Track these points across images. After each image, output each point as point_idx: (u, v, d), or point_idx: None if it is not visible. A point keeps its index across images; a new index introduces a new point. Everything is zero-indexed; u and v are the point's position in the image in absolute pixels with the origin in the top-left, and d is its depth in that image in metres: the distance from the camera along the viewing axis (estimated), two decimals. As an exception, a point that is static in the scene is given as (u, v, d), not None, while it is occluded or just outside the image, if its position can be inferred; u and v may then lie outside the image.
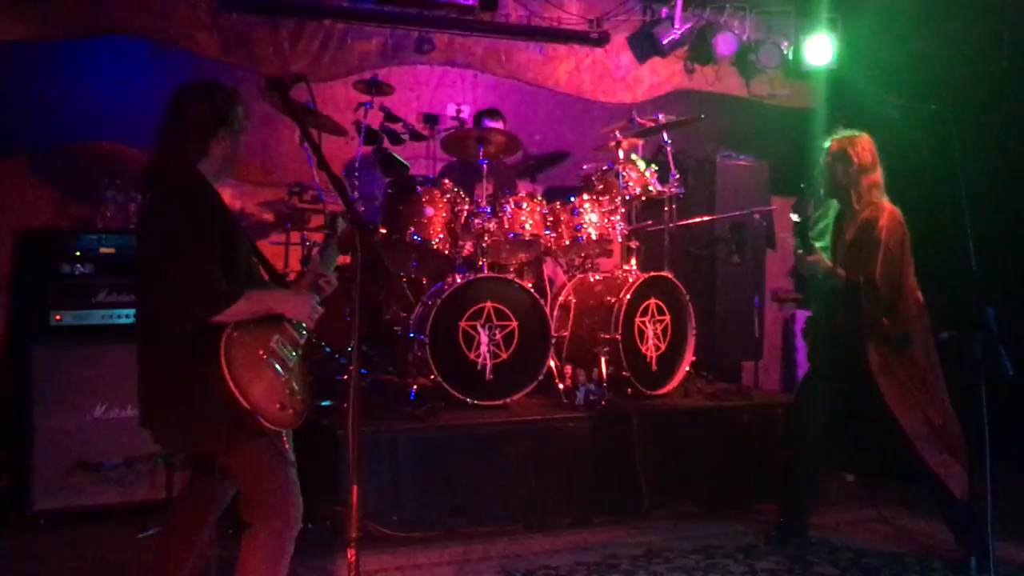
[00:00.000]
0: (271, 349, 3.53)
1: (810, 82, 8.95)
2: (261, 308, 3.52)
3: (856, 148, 5.29)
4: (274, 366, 3.50)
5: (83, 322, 5.76)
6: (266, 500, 3.57)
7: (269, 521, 3.56)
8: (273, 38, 7.36)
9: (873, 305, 5.12)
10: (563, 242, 6.67)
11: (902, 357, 5.15)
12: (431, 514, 5.58)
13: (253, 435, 3.45)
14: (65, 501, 5.57)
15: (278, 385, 3.50)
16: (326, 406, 5.91)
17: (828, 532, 5.70)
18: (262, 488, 3.57)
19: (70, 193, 6.72)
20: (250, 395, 3.36)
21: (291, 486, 3.62)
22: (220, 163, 3.68)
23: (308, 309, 3.63)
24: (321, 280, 3.82)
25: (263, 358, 3.49)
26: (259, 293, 3.57)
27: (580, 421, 6.04)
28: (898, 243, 5.14)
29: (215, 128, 3.62)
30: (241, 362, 3.39)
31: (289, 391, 3.53)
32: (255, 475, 3.57)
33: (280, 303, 3.59)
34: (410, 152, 7.41)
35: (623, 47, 8.50)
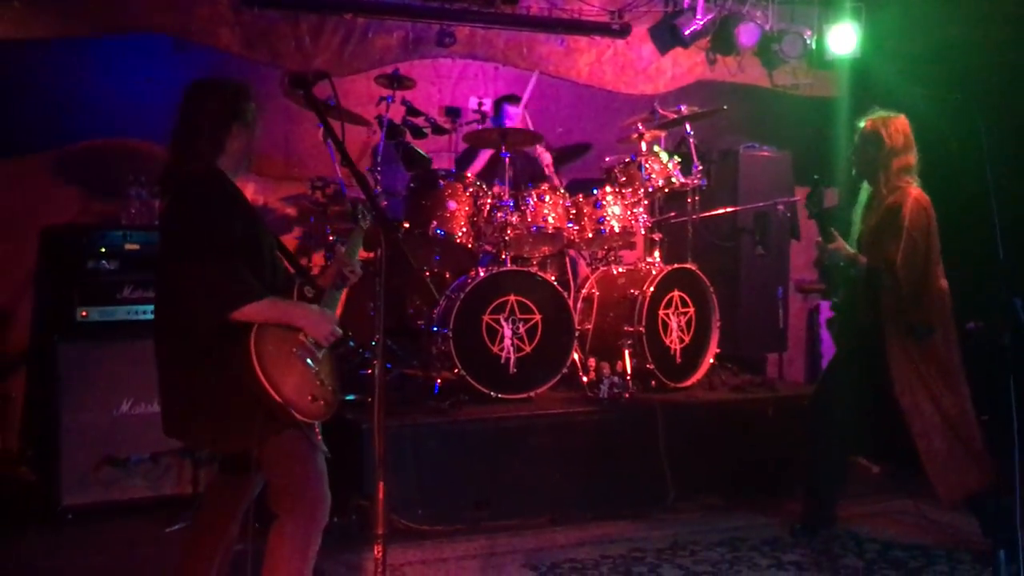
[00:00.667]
0: (300, 342, 3.54)
1: (834, 72, 8.88)
2: (282, 317, 3.52)
3: (889, 129, 5.20)
4: (304, 359, 3.52)
5: (109, 318, 5.79)
6: (296, 490, 3.58)
7: (297, 512, 3.57)
8: (294, 33, 7.37)
9: (894, 293, 5.07)
10: (586, 235, 6.65)
11: (923, 348, 5.10)
12: (456, 508, 5.60)
13: (286, 426, 3.47)
14: (93, 496, 5.61)
15: (309, 377, 3.51)
16: (351, 400, 5.93)
17: (854, 524, 5.67)
18: (292, 478, 3.58)
19: (95, 190, 6.76)
20: (282, 389, 3.38)
21: (321, 478, 3.63)
22: (237, 158, 3.69)
23: (327, 329, 3.61)
24: (346, 270, 3.83)
25: (293, 352, 3.50)
26: (283, 303, 3.57)
27: (604, 414, 6.04)
28: (922, 230, 5.06)
29: (228, 123, 3.62)
30: (271, 357, 3.41)
31: (320, 383, 3.54)
32: (287, 465, 3.58)
33: (301, 318, 3.57)
34: (431, 146, 7.41)
35: (645, 38, 8.46)
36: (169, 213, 3.63)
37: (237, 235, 3.48)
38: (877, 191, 5.27)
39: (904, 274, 5.02)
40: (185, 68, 7.05)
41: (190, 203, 3.52)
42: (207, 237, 3.44)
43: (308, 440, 3.56)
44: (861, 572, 4.99)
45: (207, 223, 3.46)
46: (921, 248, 5.07)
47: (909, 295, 5.06)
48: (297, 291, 3.68)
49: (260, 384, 3.35)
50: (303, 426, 3.50)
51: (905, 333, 5.11)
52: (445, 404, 5.87)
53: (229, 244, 3.44)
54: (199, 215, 3.48)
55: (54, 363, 5.61)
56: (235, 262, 3.43)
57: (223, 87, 3.71)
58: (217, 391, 3.44)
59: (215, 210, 3.48)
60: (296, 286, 3.70)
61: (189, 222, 3.50)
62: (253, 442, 3.45)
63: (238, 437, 3.48)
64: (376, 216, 3.48)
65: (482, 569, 5.00)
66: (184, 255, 3.46)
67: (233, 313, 3.39)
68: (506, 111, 7.40)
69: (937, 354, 5.12)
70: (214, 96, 3.65)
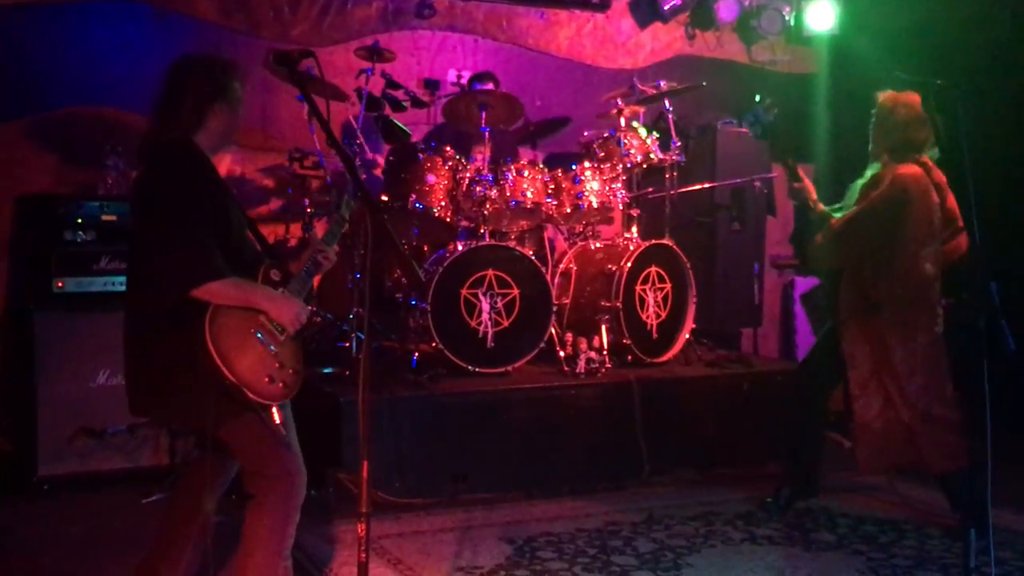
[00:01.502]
0: (260, 323, 3.50)
1: (812, 48, 8.94)
2: (246, 299, 3.47)
3: (897, 104, 5.17)
4: (262, 340, 3.48)
5: (85, 289, 5.78)
6: (266, 471, 3.57)
7: (272, 492, 3.57)
8: (272, 2, 7.32)
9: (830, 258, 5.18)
10: (564, 210, 6.66)
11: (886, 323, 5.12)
12: (433, 481, 5.63)
13: (244, 408, 3.44)
14: (69, 467, 5.62)
15: (267, 358, 3.47)
16: (328, 373, 5.94)
17: (827, 498, 5.73)
18: (261, 460, 3.57)
19: (70, 159, 6.70)
20: (236, 368, 3.36)
21: (291, 455, 3.62)
22: (217, 136, 3.65)
23: (292, 315, 3.55)
24: (320, 255, 3.79)
25: (251, 332, 3.47)
26: (247, 284, 3.51)
27: (581, 389, 6.07)
28: (892, 204, 5.03)
29: (212, 100, 3.58)
30: (227, 335, 3.38)
31: (279, 365, 3.50)
32: (252, 447, 3.57)
33: (266, 301, 3.52)
34: (410, 118, 7.38)
35: (624, 12, 8.47)
36: (140, 183, 3.60)
37: (206, 211, 3.44)
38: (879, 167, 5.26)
39: (840, 235, 5.09)
40: (162, 36, 7.02)
41: (161, 175, 3.50)
42: (174, 210, 3.40)
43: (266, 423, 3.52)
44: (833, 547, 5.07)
45: (176, 197, 3.42)
46: (881, 220, 5.06)
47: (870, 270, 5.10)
48: (263, 273, 3.62)
49: (213, 362, 3.32)
50: (259, 408, 3.46)
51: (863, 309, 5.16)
52: (423, 377, 5.89)
53: (197, 219, 3.41)
54: (168, 188, 3.45)
55: (30, 334, 5.59)
56: (202, 238, 3.39)
57: (211, 63, 3.66)
58: (173, 368, 3.40)
59: (185, 183, 3.45)
60: (262, 268, 3.64)
61: (158, 194, 3.47)
62: (208, 422, 3.43)
63: (195, 416, 3.45)
64: (361, 196, 3.46)
65: (458, 542, 5.03)
66: (151, 227, 3.44)
67: (195, 290, 3.36)
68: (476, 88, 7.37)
69: (907, 332, 5.11)
70: (201, 71, 3.61)
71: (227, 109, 3.63)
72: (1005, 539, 5.11)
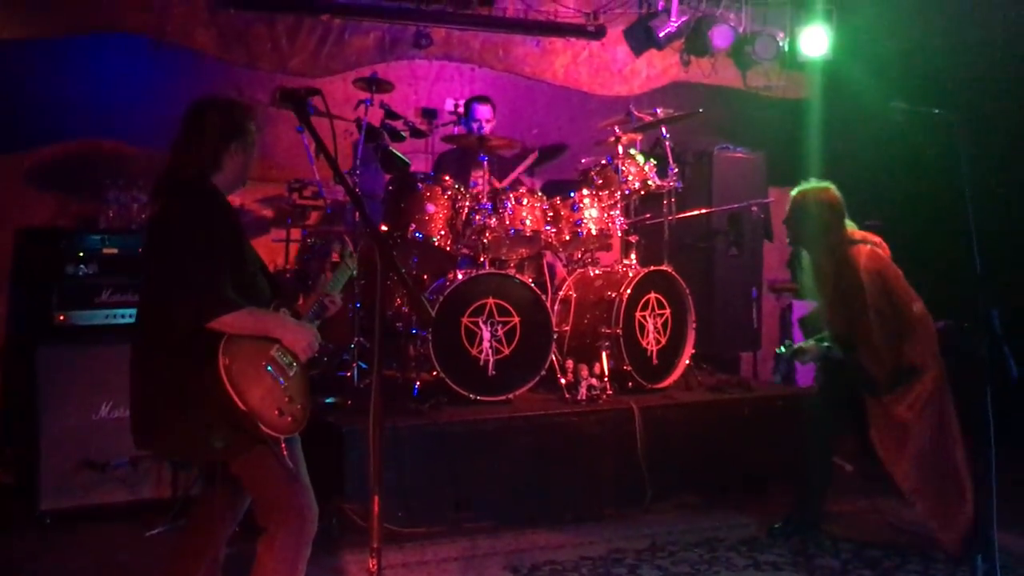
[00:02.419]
0: (271, 357, 3.54)
1: (806, 73, 8.99)
2: (260, 328, 3.53)
3: (819, 201, 5.32)
4: (272, 373, 3.52)
5: (87, 322, 5.79)
6: (278, 505, 3.58)
7: (284, 526, 3.58)
8: (271, 34, 7.36)
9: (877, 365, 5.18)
10: (563, 237, 6.70)
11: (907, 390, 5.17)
12: (436, 510, 5.62)
13: (254, 441, 3.46)
14: (71, 500, 5.60)
15: (276, 392, 3.51)
16: (330, 403, 5.95)
17: (830, 523, 5.73)
18: (271, 494, 3.59)
19: (71, 191, 6.74)
20: (248, 398, 3.38)
21: (303, 489, 3.63)
22: (233, 175, 3.72)
23: (306, 342, 3.61)
24: (326, 300, 3.84)
25: (262, 365, 3.50)
26: (261, 312, 3.57)
27: (582, 416, 6.07)
28: (883, 295, 5.14)
29: (228, 141, 3.65)
30: (239, 367, 3.41)
31: (288, 399, 3.54)
32: (262, 481, 3.58)
33: (278, 327, 3.58)
34: (408, 148, 7.42)
35: (620, 40, 8.51)
36: (158, 218, 3.64)
37: (222, 249, 3.50)
38: (818, 259, 5.39)
39: (880, 336, 5.13)
40: (161, 69, 7.06)
41: (180, 210, 3.54)
42: (193, 244, 3.45)
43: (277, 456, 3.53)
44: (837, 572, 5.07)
45: (195, 231, 3.47)
46: (888, 311, 5.15)
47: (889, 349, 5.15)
48: (273, 311, 3.67)
49: (226, 392, 3.34)
50: (269, 441, 3.47)
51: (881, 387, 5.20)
52: (424, 406, 5.89)
53: (214, 254, 3.46)
54: (188, 222, 3.50)
55: (32, 367, 5.60)
56: (218, 272, 3.44)
57: (230, 106, 3.75)
58: (185, 401, 3.42)
59: (203, 222, 3.50)
60: (272, 306, 3.68)
61: (177, 228, 3.51)
62: (220, 453, 3.46)
63: (204, 450, 3.47)
64: (371, 233, 3.49)
65: (463, 571, 5.04)
66: (168, 259, 3.47)
67: (210, 321, 3.39)
68: (475, 110, 7.42)
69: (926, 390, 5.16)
70: (219, 113, 3.68)
71: (243, 150, 3.70)
72: (1010, 563, 5.10)
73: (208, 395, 3.36)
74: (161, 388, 3.48)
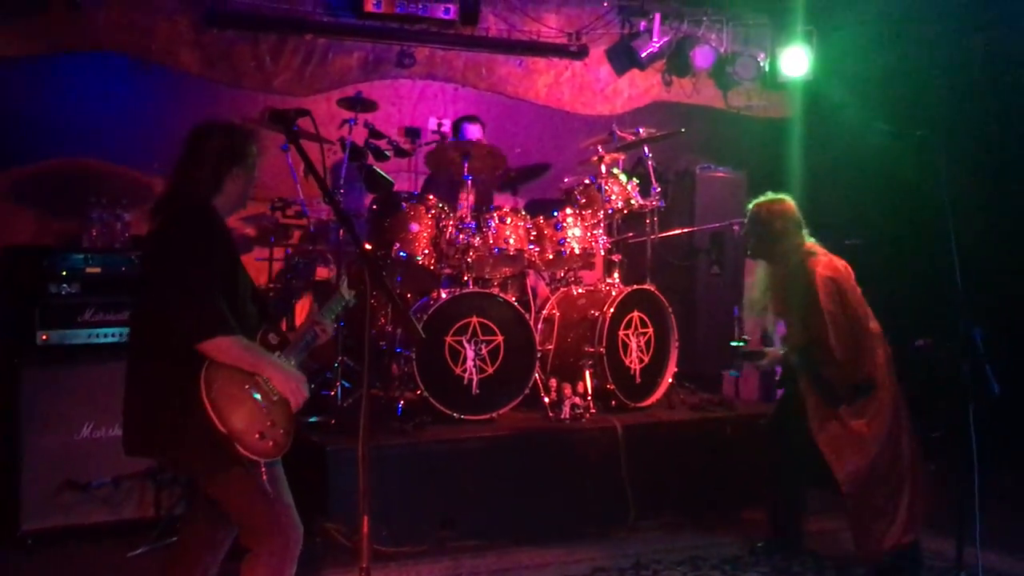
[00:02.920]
0: (255, 382, 3.55)
1: (786, 93, 9.08)
2: (252, 363, 3.53)
3: (775, 213, 5.36)
4: (256, 398, 3.52)
5: (70, 341, 5.75)
6: (259, 526, 3.58)
7: (266, 547, 3.58)
8: (255, 53, 7.40)
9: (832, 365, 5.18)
10: (546, 256, 6.72)
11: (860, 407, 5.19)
12: (420, 529, 5.61)
13: (232, 462, 3.46)
14: (53, 521, 5.56)
15: (259, 415, 3.51)
16: (313, 422, 5.94)
17: (812, 541, 5.74)
18: (253, 514, 3.59)
19: (53, 210, 6.73)
20: (228, 421, 3.40)
21: (284, 510, 3.64)
22: (233, 199, 3.76)
23: (293, 387, 3.60)
24: (317, 327, 3.87)
25: (246, 389, 3.51)
26: (257, 350, 3.58)
27: (566, 434, 6.10)
28: (839, 304, 5.15)
29: (230, 165, 3.69)
30: (222, 389, 3.43)
31: (271, 422, 3.54)
32: (240, 501, 3.59)
33: (272, 369, 3.58)
34: (391, 166, 7.44)
35: (602, 60, 8.59)
36: (157, 238, 3.65)
37: (218, 272, 3.52)
38: (778, 270, 5.44)
39: (840, 349, 5.12)
40: (144, 88, 7.07)
41: (180, 231, 3.56)
42: (191, 265, 3.47)
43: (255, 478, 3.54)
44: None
45: (193, 252, 3.50)
46: (842, 319, 5.15)
47: (848, 362, 5.15)
48: (260, 337, 3.68)
49: (206, 413, 3.36)
50: (247, 463, 3.48)
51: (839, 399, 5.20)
52: (408, 425, 5.89)
53: (210, 276, 3.48)
54: (186, 243, 3.52)
55: (14, 386, 5.56)
56: (213, 294, 3.46)
57: (231, 130, 3.77)
58: (170, 417, 3.44)
59: (202, 242, 3.53)
60: (260, 332, 3.70)
61: (176, 248, 3.54)
62: (198, 469, 3.49)
63: (185, 465, 3.53)
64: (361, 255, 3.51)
65: (447, 590, 5.05)
66: (166, 278, 3.49)
67: (203, 342, 3.41)
68: (464, 129, 7.45)
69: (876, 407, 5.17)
70: (221, 136, 3.71)
71: (243, 174, 3.74)
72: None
73: (190, 411, 3.38)
74: (149, 395, 3.51)
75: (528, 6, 8.27)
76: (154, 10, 7.03)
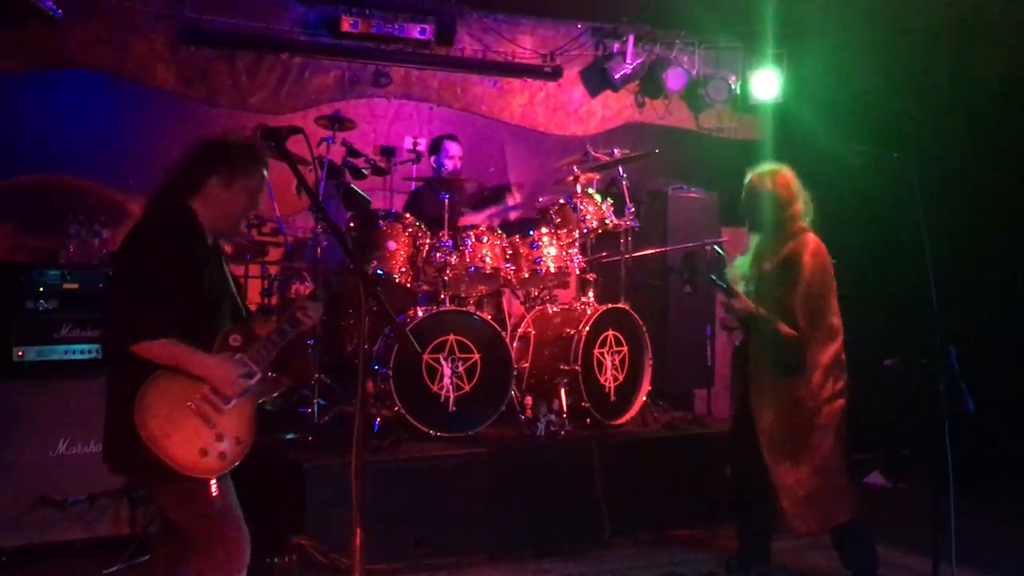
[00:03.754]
0: (203, 393, 3.53)
1: (757, 115, 9.19)
2: (177, 362, 3.49)
3: (776, 181, 5.33)
4: (199, 412, 3.51)
5: (46, 357, 5.74)
6: (202, 538, 3.58)
7: (211, 559, 3.57)
8: (231, 71, 7.44)
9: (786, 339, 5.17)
10: (522, 275, 6.76)
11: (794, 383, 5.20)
12: (396, 546, 5.61)
13: (184, 479, 3.48)
14: (28, 538, 5.52)
15: (202, 431, 3.50)
16: (290, 439, 5.94)
17: (785, 558, 5.79)
18: (196, 526, 3.59)
19: (28, 226, 6.71)
20: (162, 445, 3.41)
21: (233, 521, 3.62)
22: (214, 208, 3.69)
23: (230, 378, 3.56)
24: (300, 312, 3.77)
25: (188, 405, 3.50)
26: (182, 348, 3.49)
27: (542, 452, 6.14)
28: (820, 277, 5.18)
29: (210, 172, 3.66)
30: (161, 407, 3.44)
31: (216, 436, 3.52)
32: (192, 511, 3.58)
33: (198, 366, 3.52)
34: (367, 185, 7.46)
35: (576, 81, 8.68)
36: (125, 238, 3.67)
37: (172, 273, 3.51)
38: (768, 240, 5.38)
39: (803, 321, 5.13)
40: (121, 105, 7.08)
41: (142, 233, 3.59)
42: (136, 267, 3.50)
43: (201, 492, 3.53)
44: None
45: (145, 253, 3.52)
46: (817, 294, 5.18)
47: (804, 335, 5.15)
48: (221, 338, 3.65)
49: (138, 438, 3.39)
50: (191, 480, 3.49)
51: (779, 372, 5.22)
52: (385, 442, 5.90)
53: (158, 278, 3.47)
54: (139, 241, 3.56)
55: (-10, 403, 5.54)
56: (155, 297, 3.45)
57: (226, 143, 3.76)
58: (119, 432, 3.48)
59: (159, 242, 3.53)
60: (222, 333, 3.66)
61: (127, 250, 3.58)
62: (146, 485, 3.56)
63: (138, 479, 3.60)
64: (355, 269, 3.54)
65: (424, 608, 5.06)
66: (113, 282, 3.52)
67: (133, 346, 3.42)
68: (446, 148, 7.50)
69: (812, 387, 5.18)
70: (208, 146, 3.72)
71: (223, 185, 3.68)
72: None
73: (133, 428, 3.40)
74: (107, 407, 3.58)
75: (503, 27, 8.35)
76: (130, 28, 7.06)
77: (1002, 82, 7.61)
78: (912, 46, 8.06)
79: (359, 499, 3.09)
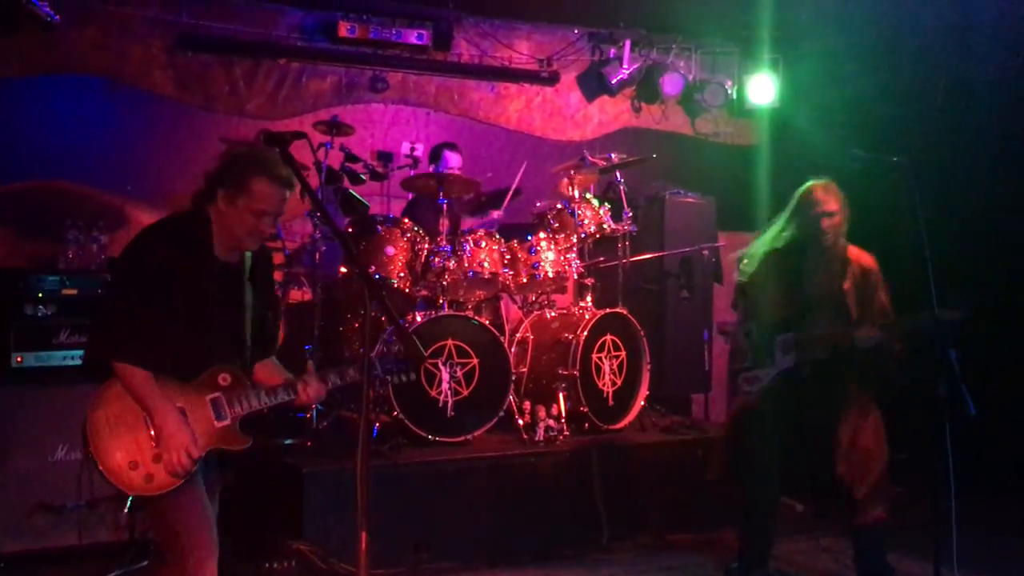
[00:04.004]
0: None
1: (753, 120, 9.23)
2: (138, 397, 3.45)
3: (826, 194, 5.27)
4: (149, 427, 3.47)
5: (44, 363, 5.74)
6: (172, 540, 3.54)
7: (176, 563, 3.53)
8: (228, 77, 7.45)
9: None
10: (520, 280, 6.76)
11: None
12: (395, 551, 5.60)
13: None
14: (26, 544, 5.51)
15: (144, 447, 3.45)
16: (289, 444, 5.94)
17: (783, 563, 5.80)
18: (166, 527, 3.56)
19: (26, 232, 6.70)
20: (98, 435, 3.42)
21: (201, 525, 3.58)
22: (226, 219, 3.64)
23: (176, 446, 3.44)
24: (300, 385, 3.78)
25: (142, 417, 3.47)
26: (152, 387, 3.45)
27: (540, 456, 6.13)
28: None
29: (220, 183, 3.64)
30: (115, 404, 3.45)
31: (155, 458, 3.45)
32: (159, 513, 3.56)
33: (158, 416, 3.45)
34: (364, 190, 7.47)
35: (573, 86, 8.71)
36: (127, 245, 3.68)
37: (163, 291, 3.48)
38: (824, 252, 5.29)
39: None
40: (118, 110, 7.08)
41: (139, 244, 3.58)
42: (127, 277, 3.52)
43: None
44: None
45: (137, 263, 3.53)
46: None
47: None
48: (209, 374, 3.60)
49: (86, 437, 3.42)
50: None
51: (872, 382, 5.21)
52: (383, 447, 5.90)
53: (146, 296, 3.45)
54: (137, 258, 3.55)
55: (-12, 408, 5.53)
56: (143, 313, 3.43)
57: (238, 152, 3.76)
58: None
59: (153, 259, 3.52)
60: (211, 370, 3.61)
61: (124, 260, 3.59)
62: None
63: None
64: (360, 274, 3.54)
65: (424, 613, 5.05)
66: (107, 289, 3.52)
67: (115, 361, 3.42)
68: (446, 157, 7.49)
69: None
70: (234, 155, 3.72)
71: (230, 197, 3.62)
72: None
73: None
74: None
75: (500, 32, 8.37)
76: (128, 33, 7.07)
77: (997, 86, 7.63)
78: (907, 54, 8.08)
79: (364, 503, 3.07)
